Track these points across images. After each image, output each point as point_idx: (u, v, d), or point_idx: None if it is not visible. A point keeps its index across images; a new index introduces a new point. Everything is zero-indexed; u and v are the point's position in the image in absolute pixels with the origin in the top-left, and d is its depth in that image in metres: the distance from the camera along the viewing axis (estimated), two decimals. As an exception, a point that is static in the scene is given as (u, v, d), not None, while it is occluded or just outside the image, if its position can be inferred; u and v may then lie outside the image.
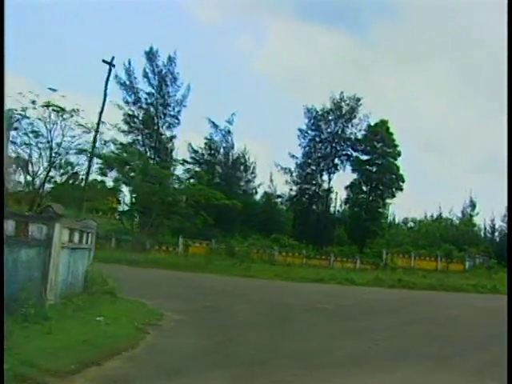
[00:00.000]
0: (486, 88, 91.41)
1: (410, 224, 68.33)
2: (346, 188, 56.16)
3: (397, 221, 68.04)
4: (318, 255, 47.36)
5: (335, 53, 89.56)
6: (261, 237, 51.46)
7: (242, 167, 59.58)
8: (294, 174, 56.55)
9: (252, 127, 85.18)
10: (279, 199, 60.05)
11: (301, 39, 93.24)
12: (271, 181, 59.57)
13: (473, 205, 61.43)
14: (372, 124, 55.04)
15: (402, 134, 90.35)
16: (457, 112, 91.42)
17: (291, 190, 57.62)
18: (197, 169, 53.64)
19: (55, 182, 35.97)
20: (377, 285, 28.26)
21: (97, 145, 34.90)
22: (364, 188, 55.59)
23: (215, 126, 54.33)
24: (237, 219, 55.01)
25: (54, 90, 30.43)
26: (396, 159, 54.41)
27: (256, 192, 62.06)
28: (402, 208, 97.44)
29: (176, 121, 54.30)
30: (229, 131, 54.76)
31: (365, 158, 55.58)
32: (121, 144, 48.30)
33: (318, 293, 21.15)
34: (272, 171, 59.31)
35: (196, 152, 54.17)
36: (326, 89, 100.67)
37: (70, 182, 37.84)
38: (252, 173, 60.45)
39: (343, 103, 54.75)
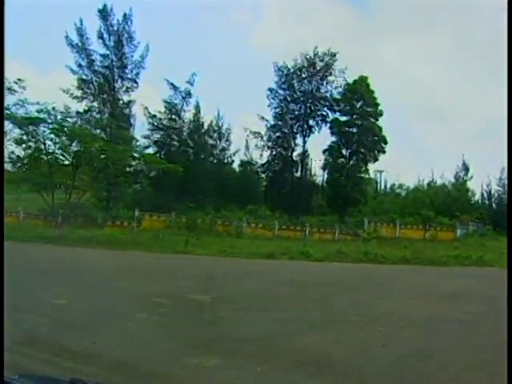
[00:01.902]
0: (484, 55, 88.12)
1: (398, 191, 63.66)
2: (324, 152, 52.92)
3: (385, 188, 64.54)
4: (293, 226, 43.22)
5: (333, 24, 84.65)
6: (236, 208, 49.10)
7: (215, 134, 55.32)
8: (265, 138, 53.08)
9: (215, 88, 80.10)
10: (252, 167, 55.45)
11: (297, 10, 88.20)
12: (247, 148, 56.59)
13: (466, 168, 57.30)
14: (350, 82, 50.47)
15: (398, 100, 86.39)
16: (455, 79, 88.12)
17: (261, 155, 54.34)
18: (156, 135, 51.02)
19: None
20: (337, 259, 24.54)
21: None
22: (343, 151, 52.12)
23: (174, 87, 50.61)
24: (209, 190, 52.81)
25: None
26: (377, 119, 51.32)
27: (233, 161, 58.83)
28: (394, 176, 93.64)
29: (134, 84, 50.83)
30: (189, 93, 50.99)
31: (343, 118, 52.12)
32: (77, 112, 45.38)
33: (235, 274, 18.21)
34: (248, 137, 55.19)
35: (154, 117, 50.65)
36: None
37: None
38: (227, 140, 56.69)
39: (317, 59, 50.88)
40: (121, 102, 50.42)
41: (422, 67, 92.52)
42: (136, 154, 42.14)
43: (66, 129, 30.76)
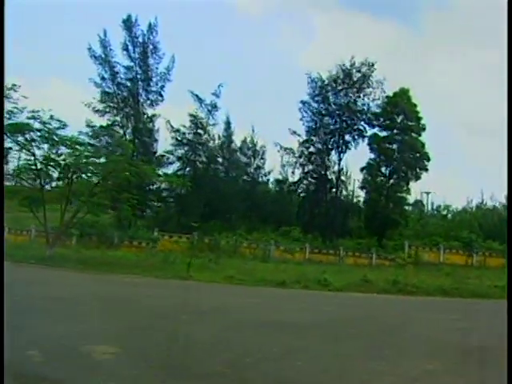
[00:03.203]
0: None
1: (444, 213, 60.17)
2: (362, 170, 50.14)
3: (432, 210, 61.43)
4: (326, 249, 40.64)
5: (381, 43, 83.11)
6: (270, 230, 46.71)
7: (249, 152, 52.97)
8: (297, 155, 50.55)
9: (242, 101, 78.14)
10: (287, 186, 52.87)
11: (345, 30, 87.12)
12: (283, 166, 53.27)
13: (520, 190, 52.26)
14: (390, 94, 47.69)
15: (443, 115, 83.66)
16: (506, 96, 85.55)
17: (293, 173, 52.00)
18: (180, 151, 49.19)
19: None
20: (360, 289, 21.69)
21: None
22: (383, 169, 49.39)
23: (199, 100, 48.52)
24: (241, 210, 51.53)
25: None
26: (420, 134, 48.65)
27: (268, 180, 56.67)
28: (440, 197, 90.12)
29: (159, 97, 49.35)
30: (215, 106, 48.76)
31: (383, 133, 49.59)
32: (101, 127, 44.13)
33: (199, 310, 13.91)
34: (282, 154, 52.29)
35: (177, 131, 48.68)
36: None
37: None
38: (261, 158, 53.87)
39: (354, 70, 48.28)
40: (145, 116, 49.04)
41: (471, 83, 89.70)
42: (159, 172, 39.77)
43: (58, 138, 28.42)
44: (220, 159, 51.81)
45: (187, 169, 49.05)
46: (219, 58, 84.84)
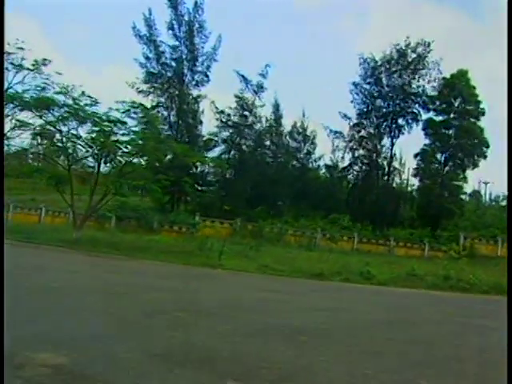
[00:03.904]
0: None
1: (504, 203, 57.60)
2: (415, 156, 48.22)
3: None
4: (376, 239, 39.06)
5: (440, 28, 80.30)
6: (319, 217, 45.01)
7: (299, 136, 51.78)
8: (347, 139, 49.01)
9: (290, 82, 76.21)
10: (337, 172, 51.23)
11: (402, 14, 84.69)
12: (333, 151, 51.59)
13: None
14: (448, 76, 45.53)
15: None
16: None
17: (342, 158, 50.36)
18: (225, 133, 48.22)
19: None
20: (406, 284, 19.88)
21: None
22: (438, 156, 47.40)
23: (245, 80, 47.24)
24: (289, 197, 50.31)
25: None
26: (479, 119, 46.35)
27: (318, 166, 55.52)
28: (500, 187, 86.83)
29: (205, 78, 48.42)
30: (262, 86, 47.45)
31: (439, 118, 47.52)
32: (145, 108, 43.43)
33: (207, 306, 12.23)
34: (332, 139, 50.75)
35: (222, 112, 47.65)
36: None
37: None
38: (312, 143, 52.60)
39: (409, 50, 45.81)
40: (190, 97, 48.27)
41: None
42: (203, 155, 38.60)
43: (86, 114, 27.17)
44: (267, 143, 50.47)
45: (232, 152, 48.16)
46: (267, 38, 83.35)
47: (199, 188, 48.02)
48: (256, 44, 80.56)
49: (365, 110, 48.19)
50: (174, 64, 47.25)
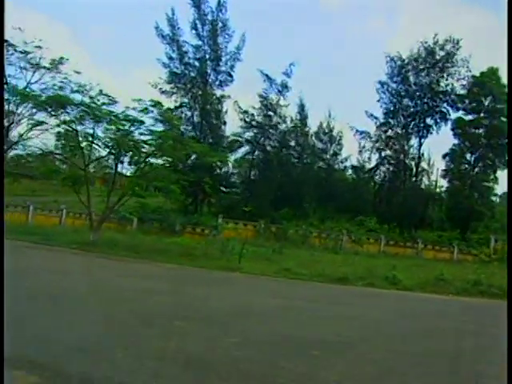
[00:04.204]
0: None
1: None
2: (444, 156, 47.42)
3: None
4: (403, 241, 38.39)
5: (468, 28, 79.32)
6: (345, 219, 44.99)
7: (325, 137, 51.36)
8: (374, 139, 48.32)
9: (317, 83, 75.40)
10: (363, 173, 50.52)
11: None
12: (360, 152, 50.72)
13: None
14: (477, 74, 44.82)
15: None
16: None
17: (369, 158, 49.63)
18: (249, 133, 47.84)
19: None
20: (434, 289, 19.05)
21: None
22: (468, 156, 46.49)
23: (269, 79, 46.92)
24: (315, 198, 49.28)
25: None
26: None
27: (345, 167, 54.75)
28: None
29: (229, 78, 47.96)
30: (286, 86, 46.88)
31: (468, 117, 46.56)
32: (168, 109, 43.20)
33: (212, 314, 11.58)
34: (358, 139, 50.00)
35: (246, 112, 47.38)
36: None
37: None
38: (338, 144, 52.10)
39: (437, 48, 45.06)
40: (213, 97, 47.74)
41: None
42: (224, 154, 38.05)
43: (103, 113, 26.70)
44: (292, 143, 49.98)
45: (256, 153, 47.77)
46: (292, 37, 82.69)
47: (223, 189, 47.81)
48: (280, 43, 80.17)
49: (392, 109, 47.46)
50: (197, 64, 46.90)
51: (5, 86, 27.95)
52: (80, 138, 28.04)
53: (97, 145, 28.41)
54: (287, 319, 11.60)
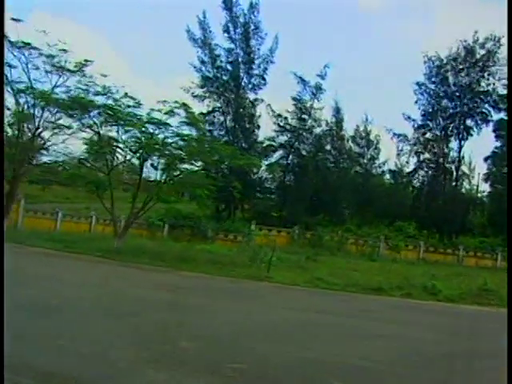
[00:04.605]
0: None
1: None
2: (486, 159, 46.19)
3: None
4: (443, 248, 37.37)
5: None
6: (383, 225, 43.97)
7: (362, 141, 50.62)
8: (411, 142, 47.15)
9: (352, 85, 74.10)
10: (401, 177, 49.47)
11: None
12: (397, 155, 49.52)
13: None
14: (520, 72, 42.90)
15: None
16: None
17: (407, 162, 48.43)
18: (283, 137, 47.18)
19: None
20: (478, 300, 17.94)
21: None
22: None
23: (303, 81, 46.02)
24: (352, 204, 49.09)
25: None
26: None
27: (383, 172, 53.71)
28: None
29: (262, 81, 47.40)
30: (320, 88, 46.00)
31: (512, 118, 43.78)
32: (200, 114, 42.97)
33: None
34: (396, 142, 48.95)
35: (279, 116, 46.68)
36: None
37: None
38: (375, 148, 51.25)
39: (477, 46, 43.77)
40: (246, 100, 47.33)
41: None
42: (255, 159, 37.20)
43: (128, 116, 26.04)
44: (328, 147, 49.12)
45: (291, 157, 47.04)
46: (325, 39, 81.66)
47: (257, 195, 47.18)
48: (314, 44, 78.86)
49: (430, 110, 46.20)
50: (229, 67, 46.64)
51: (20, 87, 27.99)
52: (103, 142, 27.51)
53: (120, 148, 27.78)
54: (311, 338, 10.48)
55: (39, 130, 28.48)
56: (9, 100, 29.65)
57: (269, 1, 53.82)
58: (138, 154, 27.45)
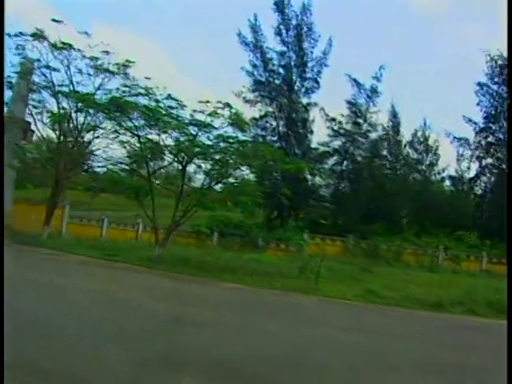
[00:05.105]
0: None
1: None
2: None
3: None
4: (507, 259, 35.49)
5: None
6: (443, 235, 41.45)
7: (420, 146, 48.65)
8: (473, 146, 45.40)
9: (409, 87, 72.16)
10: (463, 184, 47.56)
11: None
12: (458, 161, 47.58)
13: None
14: None
15: None
16: None
17: (468, 168, 46.57)
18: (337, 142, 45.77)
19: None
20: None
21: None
22: None
23: (358, 84, 44.87)
24: (410, 212, 47.46)
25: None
26: None
27: (443, 178, 51.28)
28: None
29: (315, 84, 46.22)
30: (376, 91, 44.73)
31: None
32: (253, 119, 42.55)
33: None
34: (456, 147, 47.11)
35: (333, 120, 45.32)
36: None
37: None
38: (435, 154, 49.42)
39: (544, 40, 40.56)
40: (300, 105, 46.21)
41: None
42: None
43: (169, 118, 25.12)
44: (384, 153, 47.62)
45: (345, 163, 45.77)
46: (381, 39, 79.72)
47: (311, 202, 46.06)
48: (369, 46, 77.09)
49: (492, 113, 44.18)
50: (282, 71, 45.78)
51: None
52: (143, 145, 26.76)
53: (161, 152, 26.87)
54: (353, 370, 8.94)
55: (81, 134, 28.44)
56: (50, 102, 29.91)
57: (322, 1, 52.75)
58: (179, 158, 26.43)
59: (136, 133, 26.55)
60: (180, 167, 26.77)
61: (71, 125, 29.32)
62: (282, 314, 14.77)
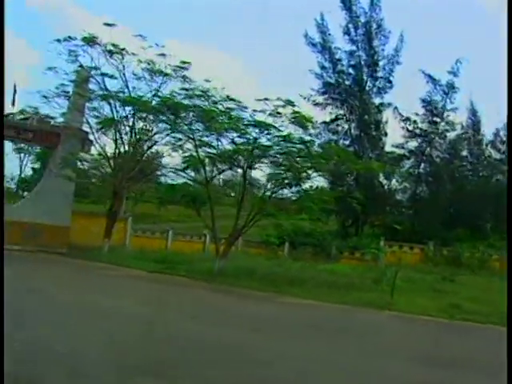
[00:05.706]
0: None
1: None
2: None
3: None
4: None
5: None
6: None
7: (503, 146, 46.65)
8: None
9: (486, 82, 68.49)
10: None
11: None
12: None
13: None
14: None
15: None
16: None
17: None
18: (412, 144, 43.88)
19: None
20: None
21: None
22: None
23: (433, 80, 42.44)
24: (494, 216, 43.89)
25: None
26: None
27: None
28: None
29: (387, 84, 44.58)
30: (452, 86, 42.23)
31: None
32: (324, 122, 41.33)
33: None
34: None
35: (407, 120, 43.33)
36: None
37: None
38: (517, 152, 46.13)
39: None
40: (372, 106, 44.65)
41: None
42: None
43: (226, 119, 23.66)
44: (464, 153, 45.28)
45: (422, 165, 43.82)
46: (456, 33, 76.53)
47: (387, 208, 44.21)
48: (443, 40, 73.91)
49: None
50: (352, 71, 44.45)
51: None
52: (198, 149, 25.31)
53: (218, 156, 25.16)
54: None
55: (139, 142, 27.96)
56: (106, 110, 29.53)
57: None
58: (239, 163, 25.06)
59: (192, 136, 25.26)
60: (241, 172, 25.53)
61: (127, 129, 29.02)
62: (343, 340, 12.00)
